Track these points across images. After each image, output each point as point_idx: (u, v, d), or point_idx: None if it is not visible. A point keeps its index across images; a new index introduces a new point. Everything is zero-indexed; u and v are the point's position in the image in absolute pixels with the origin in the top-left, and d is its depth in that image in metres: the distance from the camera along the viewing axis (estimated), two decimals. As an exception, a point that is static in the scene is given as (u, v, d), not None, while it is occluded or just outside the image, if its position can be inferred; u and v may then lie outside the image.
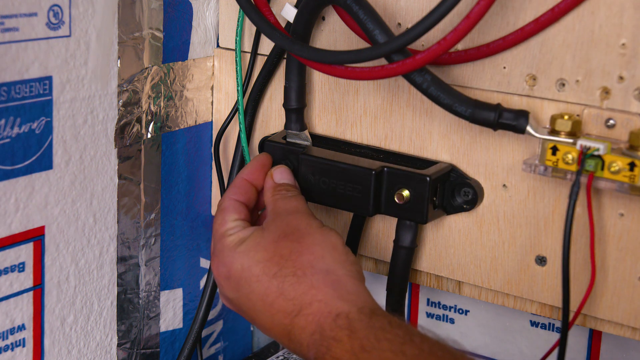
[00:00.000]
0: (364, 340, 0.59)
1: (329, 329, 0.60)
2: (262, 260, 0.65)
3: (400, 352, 0.58)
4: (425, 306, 0.92)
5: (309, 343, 0.61)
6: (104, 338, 0.78)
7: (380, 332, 0.59)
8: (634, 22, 0.63)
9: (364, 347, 0.58)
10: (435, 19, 0.63)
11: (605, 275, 0.68)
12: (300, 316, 0.62)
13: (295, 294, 0.63)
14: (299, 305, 0.62)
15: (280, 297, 0.63)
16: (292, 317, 0.63)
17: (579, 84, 0.66)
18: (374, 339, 0.59)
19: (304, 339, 0.62)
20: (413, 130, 0.74)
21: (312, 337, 0.61)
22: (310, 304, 0.62)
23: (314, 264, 0.64)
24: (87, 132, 0.72)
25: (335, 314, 0.61)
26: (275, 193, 0.71)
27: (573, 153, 0.63)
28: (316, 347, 0.61)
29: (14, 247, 0.68)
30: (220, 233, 0.69)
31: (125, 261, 0.78)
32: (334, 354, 0.59)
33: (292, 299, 0.63)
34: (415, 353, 0.58)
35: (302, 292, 0.63)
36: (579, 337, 0.83)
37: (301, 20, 0.74)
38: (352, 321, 0.60)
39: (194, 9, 0.81)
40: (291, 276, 0.64)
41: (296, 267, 0.64)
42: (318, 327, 0.61)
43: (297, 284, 0.63)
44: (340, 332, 0.60)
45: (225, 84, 0.84)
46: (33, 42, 0.66)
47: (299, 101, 0.77)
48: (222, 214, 0.71)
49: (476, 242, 0.73)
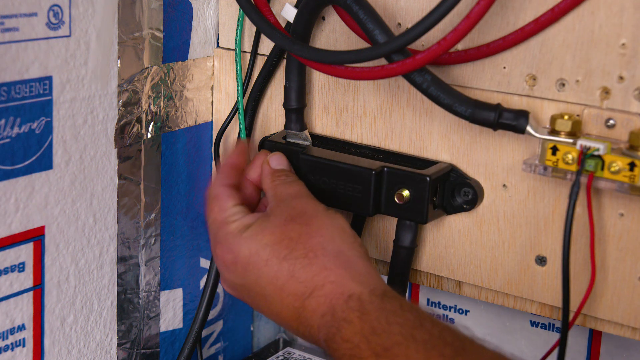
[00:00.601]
0: (374, 322, 0.59)
1: (340, 310, 0.60)
2: (270, 244, 0.64)
3: (411, 336, 0.57)
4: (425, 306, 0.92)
5: (319, 325, 0.61)
6: (104, 338, 0.78)
7: (391, 315, 0.59)
8: (634, 22, 0.63)
9: (375, 330, 0.58)
10: (435, 19, 0.63)
11: (605, 275, 0.68)
12: (312, 298, 0.62)
13: (307, 276, 0.62)
14: (312, 287, 0.62)
15: (292, 279, 0.63)
16: (304, 299, 0.62)
17: (579, 84, 0.66)
18: (385, 322, 0.59)
19: (315, 320, 0.61)
20: (413, 130, 0.74)
21: (323, 318, 0.61)
22: (323, 286, 0.62)
23: (325, 245, 0.64)
24: (87, 132, 0.72)
25: (347, 295, 0.61)
26: (275, 179, 0.71)
27: (573, 153, 0.63)
28: (327, 328, 0.60)
29: (14, 247, 0.68)
30: (220, 220, 0.68)
31: (125, 261, 0.78)
32: (344, 335, 0.59)
33: (303, 281, 0.62)
34: (425, 338, 0.57)
35: (314, 274, 0.62)
36: (579, 337, 0.83)
37: (301, 20, 0.74)
38: (364, 303, 0.60)
39: (194, 9, 0.81)
40: (302, 258, 0.63)
41: (307, 249, 0.63)
42: (330, 308, 0.61)
43: (309, 266, 0.63)
44: (351, 314, 0.60)
45: (225, 84, 0.84)
46: (33, 42, 0.66)
47: (299, 101, 0.77)
48: (217, 201, 0.69)
49: (476, 242, 0.73)
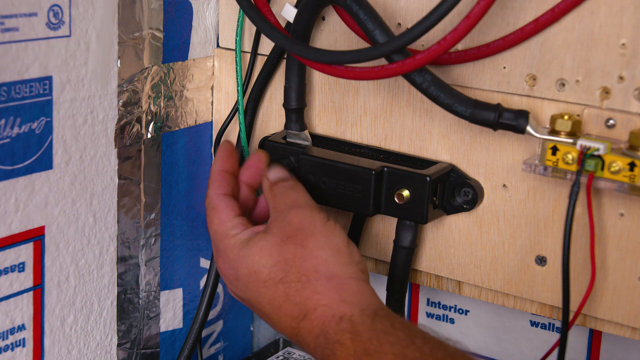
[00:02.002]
0: (367, 343, 0.60)
1: (333, 333, 0.61)
2: (267, 266, 0.66)
3: (402, 354, 0.58)
4: (425, 306, 0.92)
5: (315, 346, 0.63)
6: (104, 338, 0.78)
7: (382, 335, 0.60)
8: (634, 22, 0.63)
9: (367, 351, 0.59)
10: (435, 19, 0.63)
11: (605, 275, 0.68)
12: (306, 320, 0.63)
13: (300, 299, 0.64)
14: (304, 310, 0.64)
15: (287, 302, 0.64)
16: (299, 321, 0.64)
17: (579, 84, 0.66)
18: (377, 342, 0.60)
19: (310, 341, 0.63)
20: (413, 130, 0.74)
21: (317, 340, 0.62)
22: (315, 309, 0.63)
23: (318, 268, 0.65)
24: (87, 132, 0.72)
25: (338, 317, 0.62)
26: (274, 189, 0.71)
27: (573, 153, 0.63)
28: (322, 350, 0.62)
29: (14, 247, 0.68)
30: (220, 233, 0.69)
31: (125, 261, 0.78)
32: (338, 358, 0.60)
33: (297, 303, 0.64)
34: (417, 356, 0.58)
35: (307, 297, 0.64)
36: (579, 337, 0.83)
37: (301, 20, 0.74)
38: (355, 324, 0.61)
39: (194, 9, 0.81)
40: (296, 282, 0.64)
41: (300, 273, 0.65)
42: (322, 331, 0.62)
43: (302, 290, 0.64)
44: (344, 336, 0.61)
45: (225, 84, 0.84)
46: (33, 42, 0.66)
47: (299, 101, 0.77)
48: (217, 213, 0.70)
49: (476, 242, 0.73)
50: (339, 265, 0.65)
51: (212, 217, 0.71)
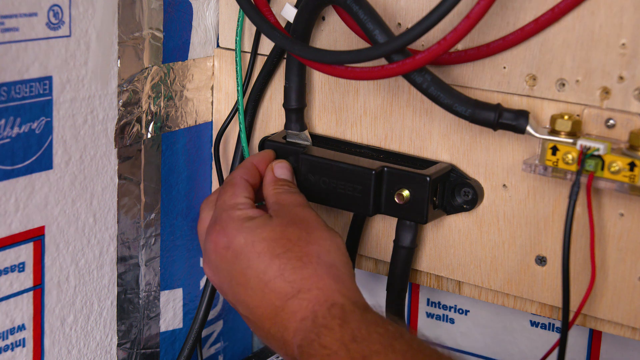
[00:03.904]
0: (355, 331, 0.60)
1: (321, 317, 0.61)
2: (267, 239, 0.65)
3: (390, 345, 0.58)
4: (425, 306, 0.92)
5: (296, 328, 0.62)
6: (104, 338, 0.78)
7: (372, 325, 0.60)
8: (634, 22, 0.63)
9: (355, 338, 0.59)
10: (435, 19, 0.63)
11: (605, 275, 0.68)
12: (295, 299, 0.63)
13: (296, 278, 0.63)
14: (298, 288, 0.63)
15: (279, 277, 0.64)
16: (287, 299, 0.63)
17: (579, 84, 0.66)
18: (366, 331, 0.60)
19: (292, 323, 0.62)
20: (413, 130, 0.74)
21: (302, 322, 0.62)
22: (309, 290, 0.63)
23: (321, 255, 0.65)
24: (87, 132, 0.72)
25: (330, 303, 0.62)
26: (277, 187, 0.71)
27: (573, 153, 0.63)
28: (304, 333, 0.61)
29: (14, 247, 0.68)
30: (229, 204, 0.69)
31: (125, 261, 0.78)
32: (323, 342, 0.60)
33: (291, 281, 0.63)
34: (404, 349, 0.59)
35: (304, 277, 0.63)
36: (579, 337, 0.83)
37: (301, 20, 0.74)
38: (346, 312, 0.61)
39: (194, 9, 0.81)
40: (295, 260, 0.64)
41: (302, 253, 0.64)
42: (311, 313, 0.62)
43: (300, 269, 0.64)
44: (332, 321, 0.61)
45: (225, 84, 0.84)
46: (33, 42, 0.66)
47: (299, 101, 0.77)
48: (232, 187, 0.71)
49: (476, 242, 0.73)
50: (339, 259, 0.65)
51: (226, 189, 0.71)
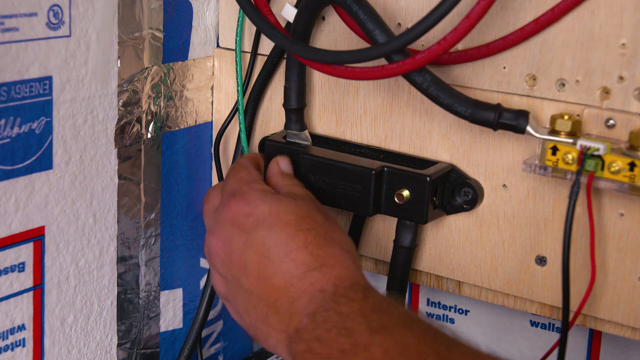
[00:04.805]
0: (376, 305, 0.59)
1: (343, 290, 0.61)
2: (294, 213, 0.65)
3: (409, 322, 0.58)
4: (425, 306, 0.92)
5: (312, 298, 0.61)
6: (104, 338, 0.78)
7: (393, 304, 0.60)
8: (634, 22, 0.63)
9: (375, 309, 0.59)
10: (435, 19, 0.63)
11: (605, 275, 0.68)
12: (317, 272, 0.62)
13: (321, 253, 0.63)
14: (321, 262, 0.62)
15: (303, 249, 0.63)
16: (307, 270, 0.62)
17: (579, 84, 0.66)
18: (387, 306, 0.60)
19: (307, 293, 0.61)
20: (413, 130, 0.74)
21: (320, 292, 0.61)
22: (333, 266, 0.62)
23: (342, 242, 0.65)
24: (87, 132, 0.72)
25: (353, 281, 0.62)
26: (286, 179, 0.72)
27: (573, 153, 0.63)
28: (321, 301, 0.60)
29: (14, 247, 0.68)
30: (248, 179, 0.69)
31: (125, 261, 0.78)
32: (341, 310, 0.59)
33: (315, 255, 0.63)
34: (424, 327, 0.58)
35: (328, 255, 0.63)
36: (579, 337, 0.84)
37: (301, 20, 0.74)
38: (368, 291, 0.61)
39: (194, 9, 0.81)
40: (321, 238, 0.64)
41: (327, 235, 0.64)
42: (332, 286, 0.61)
43: (325, 247, 0.63)
44: (354, 294, 0.60)
45: (225, 84, 0.84)
46: (33, 42, 0.66)
47: (299, 101, 0.77)
48: (246, 168, 0.71)
49: (476, 242, 0.73)
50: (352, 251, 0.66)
51: (238, 169, 0.70)
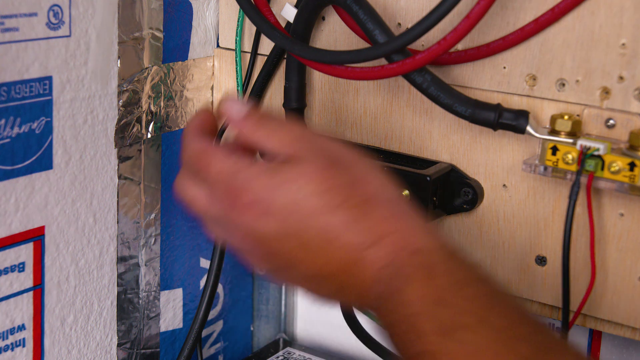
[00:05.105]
0: (441, 291, 0.52)
1: (404, 266, 0.53)
2: (316, 193, 0.55)
3: (483, 319, 0.50)
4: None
5: (376, 278, 0.54)
6: (104, 338, 0.78)
7: (460, 286, 0.52)
8: (634, 22, 0.63)
9: (440, 300, 0.51)
10: (435, 19, 0.63)
11: (605, 275, 0.68)
12: (373, 248, 0.54)
13: (366, 226, 0.55)
14: (373, 237, 0.54)
15: (346, 231, 0.55)
16: (362, 249, 0.54)
17: (579, 84, 0.66)
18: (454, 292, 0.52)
19: (369, 273, 0.54)
20: (413, 130, 0.74)
21: (382, 270, 0.54)
22: (387, 235, 0.54)
23: (378, 193, 0.56)
24: (87, 132, 0.72)
25: (412, 249, 0.54)
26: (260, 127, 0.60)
27: (573, 153, 0.63)
28: (386, 282, 0.53)
29: (14, 247, 0.68)
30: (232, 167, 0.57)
31: (125, 261, 0.78)
32: (405, 298, 0.52)
33: (363, 229, 0.55)
34: (501, 324, 0.50)
35: (374, 224, 0.55)
36: (579, 337, 0.83)
37: (301, 20, 0.74)
38: (432, 263, 0.54)
39: (194, 9, 0.81)
40: (359, 207, 0.55)
41: (362, 198, 0.55)
42: (392, 261, 0.54)
43: (368, 215, 0.55)
44: (417, 272, 0.53)
45: (225, 84, 0.84)
46: (33, 42, 0.66)
47: (299, 101, 0.77)
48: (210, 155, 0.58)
49: (476, 242, 0.73)
50: (395, 193, 0.58)
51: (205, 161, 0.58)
